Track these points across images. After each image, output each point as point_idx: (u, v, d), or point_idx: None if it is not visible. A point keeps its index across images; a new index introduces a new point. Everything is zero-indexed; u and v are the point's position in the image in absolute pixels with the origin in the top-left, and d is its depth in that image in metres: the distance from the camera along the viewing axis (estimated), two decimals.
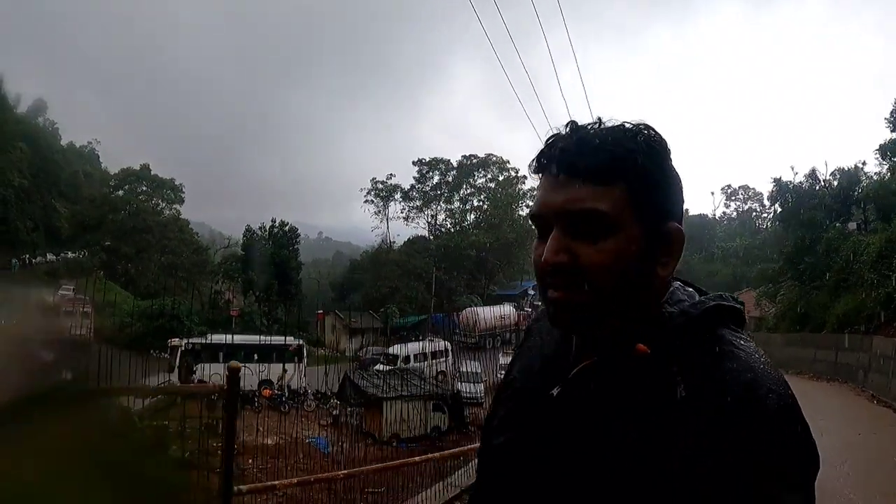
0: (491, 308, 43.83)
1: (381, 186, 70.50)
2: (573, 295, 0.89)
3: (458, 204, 69.66)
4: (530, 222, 0.98)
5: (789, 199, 30.95)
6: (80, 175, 59.73)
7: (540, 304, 1.04)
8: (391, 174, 71.10)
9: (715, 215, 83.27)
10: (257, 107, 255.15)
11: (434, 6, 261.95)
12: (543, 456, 0.93)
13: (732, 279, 54.72)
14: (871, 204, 26.49)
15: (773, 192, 33.23)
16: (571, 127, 0.95)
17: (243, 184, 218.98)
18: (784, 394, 0.83)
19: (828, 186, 30.15)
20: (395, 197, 70.60)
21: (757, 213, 79.91)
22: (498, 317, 42.69)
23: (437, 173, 70.40)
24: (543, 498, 0.92)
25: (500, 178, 68.01)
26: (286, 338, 27.83)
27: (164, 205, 62.56)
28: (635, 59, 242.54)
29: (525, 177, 65.56)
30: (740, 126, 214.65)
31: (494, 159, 69.32)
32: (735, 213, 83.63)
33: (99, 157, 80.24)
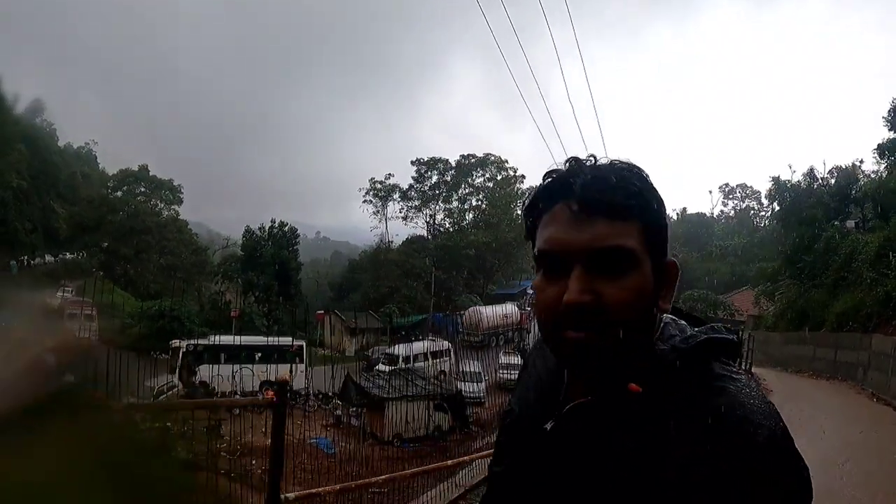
0: (493, 307, 43.86)
1: (380, 186, 70.57)
2: (597, 335, 0.88)
3: (457, 203, 69.66)
4: (536, 260, 0.95)
5: (787, 198, 31.04)
6: (78, 176, 59.55)
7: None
8: (390, 174, 71.21)
9: (713, 214, 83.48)
10: (254, 106, 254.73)
11: (433, 6, 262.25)
12: (539, 486, 0.94)
13: (731, 277, 54.82)
14: (869, 202, 26.50)
15: (772, 191, 33.38)
16: (577, 162, 0.95)
17: (240, 183, 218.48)
18: (775, 427, 0.83)
19: (826, 185, 30.24)
20: (393, 197, 70.68)
21: (755, 212, 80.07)
22: (501, 315, 42.76)
23: (436, 173, 70.41)
24: None
25: (499, 178, 68.04)
26: (292, 339, 27.84)
27: (162, 205, 62.54)
28: (633, 56, 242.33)
29: (524, 176, 65.69)
30: (737, 124, 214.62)
31: (493, 159, 69.37)
32: (733, 212, 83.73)
33: (96, 157, 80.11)
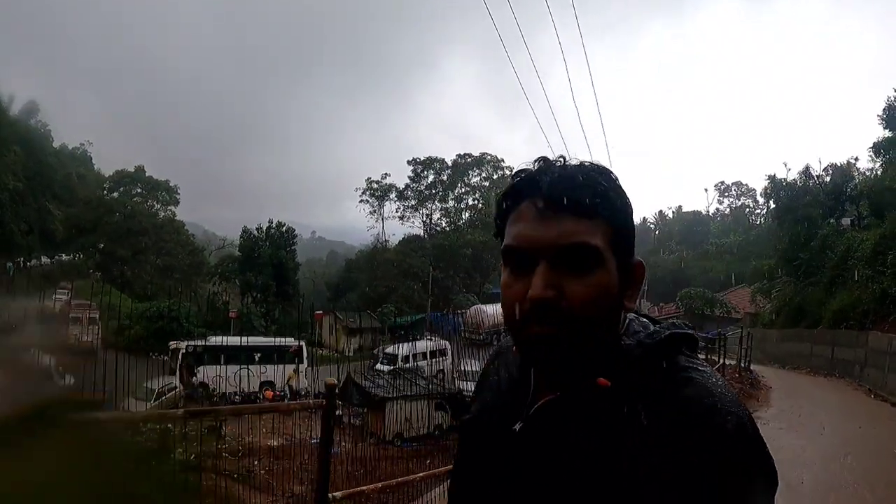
0: (495, 306, 43.89)
1: (377, 186, 70.60)
2: (560, 331, 0.88)
3: (453, 203, 69.78)
4: (503, 257, 0.96)
5: (783, 196, 31.13)
6: (73, 177, 59.23)
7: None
8: (386, 173, 71.25)
9: (709, 211, 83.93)
10: (249, 106, 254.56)
11: (430, 6, 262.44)
12: (510, 491, 0.94)
13: (727, 275, 55.01)
14: (864, 200, 26.63)
15: (767, 189, 33.49)
16: (546, 162, 0.97)
17: (235, 183, 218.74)
18: (742, 414, 0.85)
19: (821, 183, 30.36)
20: (390, 196, 70.74)
21: (750, 210, 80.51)
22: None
23: (432, 172, 70.51)
24: None
25: (495, 177, 68.07)
26: (299, 342, 27.85)
27: (158, 206, 62.42)
28: (629, 55, 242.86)
29: None
30: (732, 122, 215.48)
31: (489, 158, 69.50)
32: (729, 210, 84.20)
33: (91, 158, 79.83)
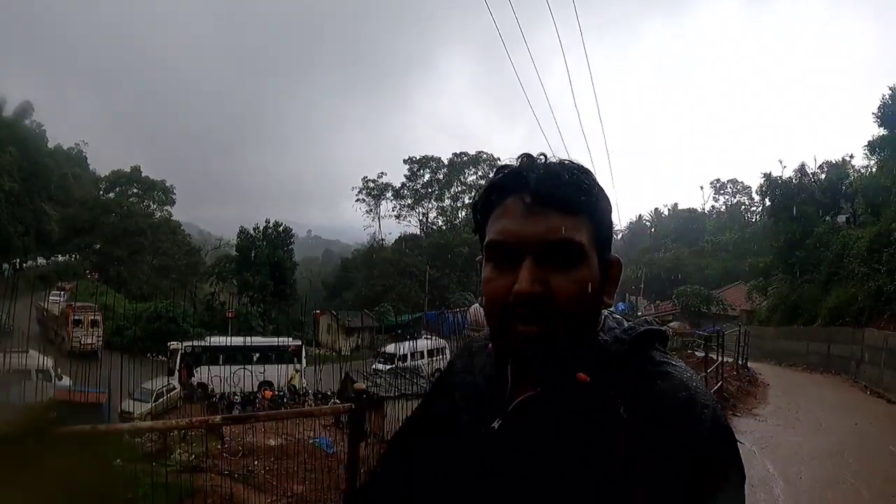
0: None
1: (373, 185, 70.59)
2: (546, 327, 0.88)
3: (450, 201, 69.84)
4: (486, 251, 0.96)
5: (778, 194, 31.16)
6: (69, 178, 59.16)
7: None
8: (382, 172, 71.25)
9: (704, 209, 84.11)
10: (244, 106, 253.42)
11: (429, 5, 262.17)
12: (486, 489, 0.92)
13: (723, 273, 55.18)
14: (859, 198, 26.68)
15: (763, 187, 33.51)
16: (529, 159, 0.98)
17: (229, 183, 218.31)
18: (715, 406, 0.87)
19: (816, 181, 30.45)
20: (386, 195, 70.75)
21: (746, 207, 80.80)
22: None
23: (428, 171, 70.58)
24: None
25: (491, 175, 68.07)
26: (301, 342, 27.92)
27: (155, 206, 62.35)
28: (624, 53, 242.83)
29: None
30: (728, 120, 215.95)
31: (485, 156, 69.58)
32: (724, 207, 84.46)
33: (86, 159, 79.67)
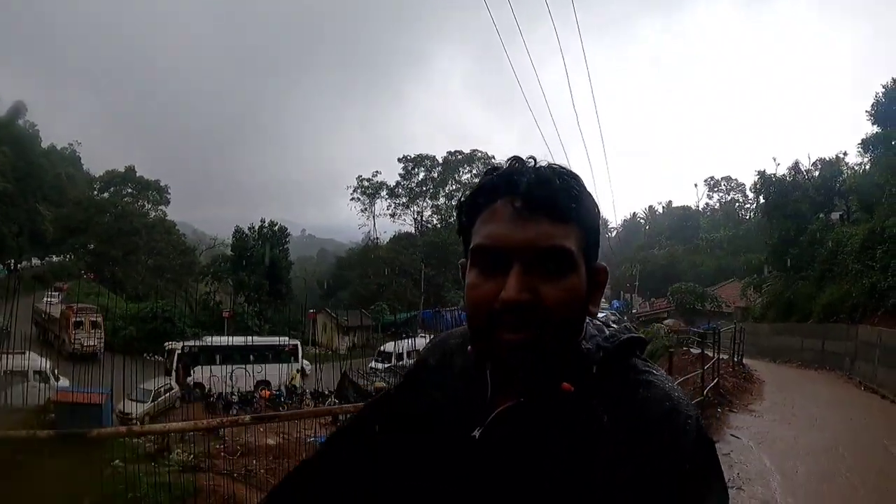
0: None
1: (368, 184, 70.54)
2: (533, 335, 0.87)
3: (444, 200, 69.76)
4: (471, 255, 0.96)
5: (772, 191, 31.30)
6: (63, 178, 58.85)
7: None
8: (377, 171, 71.16)
9: (698, 206, 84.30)
10: (237, 104, 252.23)
11: (427, 5, 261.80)
12: (467, 500, 0.90)
13: (717, 270, 55.41)
14: (853, 195, 26.87)
15: (757, 184, 33.67)
16: (519, 162, 0.96)
17: (223, 182, 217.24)
18: (696, 414, 0.87)
19: (810, 178, 30.60)
20: (381, 194, 70.69)
21: (740, 204, 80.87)
22: None
23: (423, 170, 70.52)
24: None
25: (479, 177, 68.21)
26: (300, 342, 27.96)
27: (149, 206, 62.17)
28: (618, 51, 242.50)
29: None
30: (721, 117, 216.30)
31: (480, 155, 69.50)
32: (718, 205, 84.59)
33: (80, 158, 79.27)
